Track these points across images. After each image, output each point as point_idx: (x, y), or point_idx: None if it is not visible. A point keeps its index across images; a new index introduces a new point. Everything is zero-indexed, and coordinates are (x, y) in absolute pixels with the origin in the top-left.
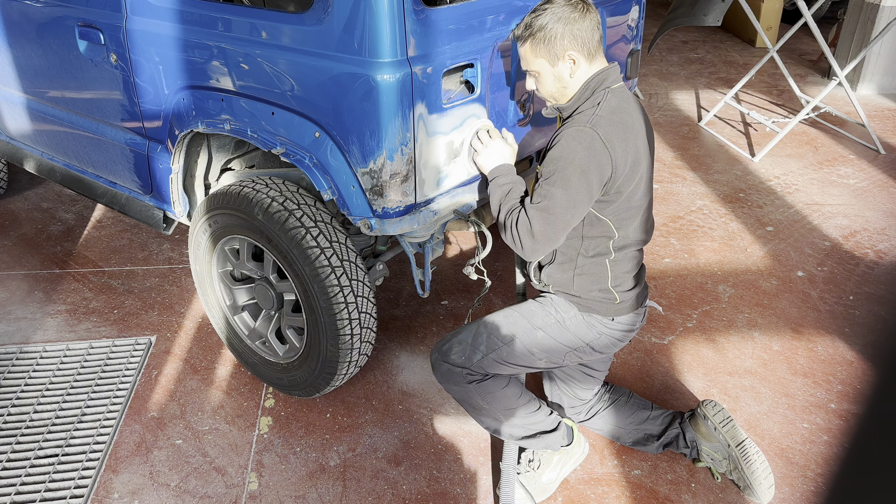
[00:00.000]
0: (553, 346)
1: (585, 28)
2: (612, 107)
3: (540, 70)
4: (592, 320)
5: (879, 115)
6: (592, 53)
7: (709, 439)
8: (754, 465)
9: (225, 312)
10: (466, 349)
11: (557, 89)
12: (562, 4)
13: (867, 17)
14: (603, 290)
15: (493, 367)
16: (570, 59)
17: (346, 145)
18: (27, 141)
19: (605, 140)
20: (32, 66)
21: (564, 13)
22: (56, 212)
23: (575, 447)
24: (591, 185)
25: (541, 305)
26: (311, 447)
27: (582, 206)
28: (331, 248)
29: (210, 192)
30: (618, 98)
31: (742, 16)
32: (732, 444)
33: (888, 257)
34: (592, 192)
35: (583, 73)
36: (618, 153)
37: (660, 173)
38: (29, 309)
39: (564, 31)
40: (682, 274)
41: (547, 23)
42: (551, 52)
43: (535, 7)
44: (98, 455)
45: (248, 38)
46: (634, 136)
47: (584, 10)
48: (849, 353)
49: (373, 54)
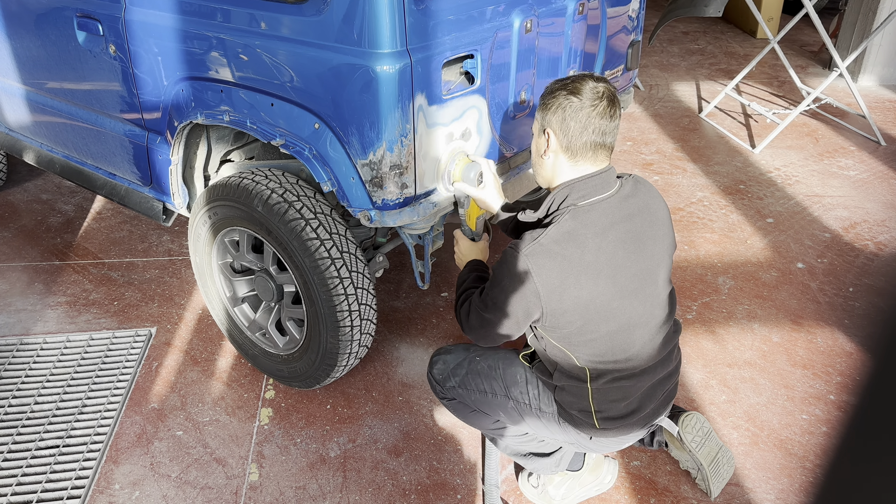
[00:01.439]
0: (520, 423)
1: (581, 122)
2: (561, 233)
3: (534, 131)
4: (569, 429)
5: (880, 107)
6: (574, 152)
7: (680, 450)
8: (721, 477)
9: (225, 304)
10: (446, 371)
11: (535, 160)
12: (589, 88)
13: (869, 7)
14: (583, 412)
15: (462, 400)
16: (546, 135)
17: (345, 137)
18: (26, 132)
19: (535, 273)
20: (31, 57)
21: (579, 95)
22: (56, 203)
23: (587, 474)
24: (517, 314)
25: (525, 382)
26: (311, 438)
27: (508, 327)
28: (330, 239)
29: (209, 183)
30: (579, 221)
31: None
32: (704, 464)
33: (888, 249)
34: (519, 321)
35: (557, 164)
36: (548, 288)
37: (660, 165)
38: (29, 300)
39: (562, 109)
40: (682, 265)
41: (557, 93)
42: (542, 120)
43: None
44: (99, 446)
45: (248, 29)
46: (582, 271)
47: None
48: (848, 344)
49: (372, 45)
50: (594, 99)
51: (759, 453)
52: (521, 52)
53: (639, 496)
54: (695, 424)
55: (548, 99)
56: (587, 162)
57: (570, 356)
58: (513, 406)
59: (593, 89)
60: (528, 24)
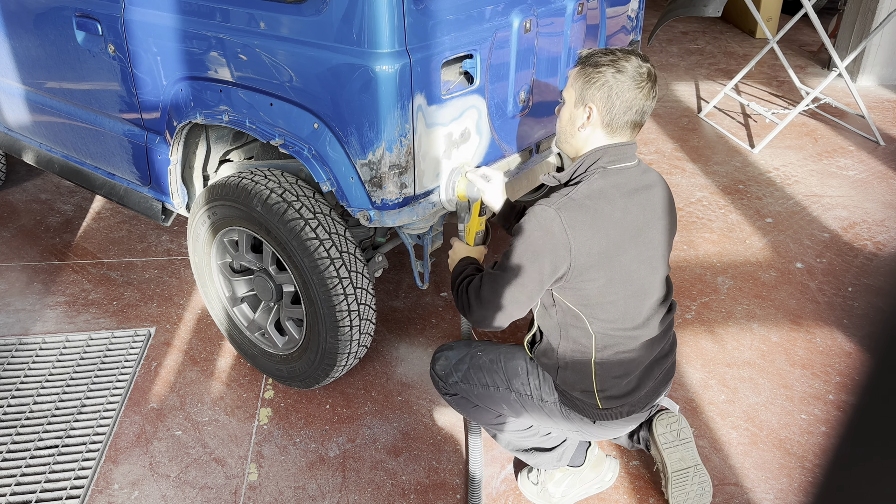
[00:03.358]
0: (523, 414)
1: (626, 102)
2: (592, 190)
3: (567, 99)
4: (572, 416)
5: (879, 107)
6: (614, 128)
7: (654, 447)
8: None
9: (224, 304)
10: (449, 366)
11: (566, 129)
12: (634, 67)
13: (868, 7)
14: (586, 393)
15: (465, 395)
16: (588, 110)
17: (344, 136)
18: (25, 132)
19: (567, 225)
20: (30, 56)
21: (626, 75)
22: (55, 203)
23: (588, 470)
24: (543, 271)
25: (527, 373)
26: (310, 438)
27: (530, 289)
28: (330, 239)
29: (209, 183)
30: (609, 181)
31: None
32: (669, 469)
33: (887, 249)
34: (543, 279)
35: (592, 137)
36: (579, 240)
37: (659, 165)
38: (28, 300)
39: (608, 86)
40: (681, 265)
41: (604, 68)
42: (583, 92)
43: (618, 49)
44: (98, 446)
45: (247, 29)
46: (612, 226)
47: (641, 89)
48: (847, 344)
49: (371, 45)
50: (640, 80)
51: (758, 453)
52: (521, 52)
53: (638, 496)
54: (672, 423)
55: (592, 72)
56: (623, 137)
57: (583, 320)
58: (515, 398)
59: (638, 69)
60: (527, 24)
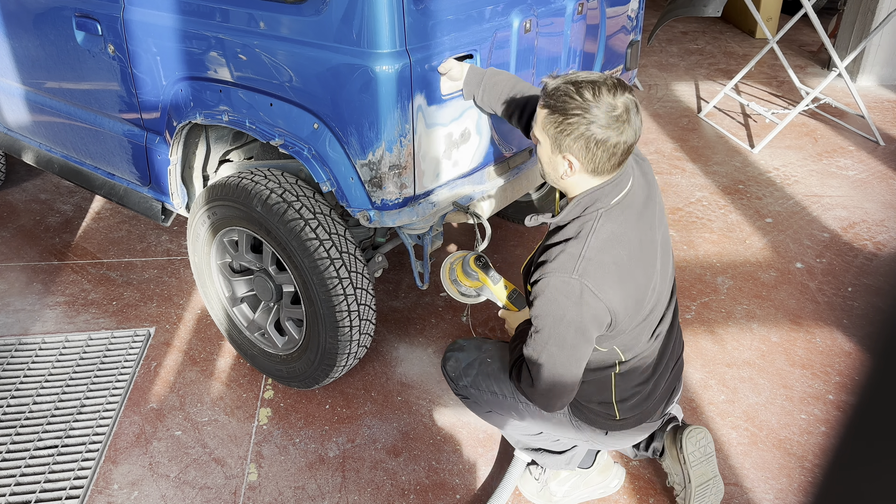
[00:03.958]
0: (530, 423)
1: (608, 149)
2: (602, 240)
3: (542, 141)
4: (583, 427)
5: (879, 107)
6: (601, 172)
7: (674, 461)
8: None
9: (224, 304)
10: (458, 369)
11: (549, 174)
12: (605, 109)
13: (867, 7)
14: (603, 404)
15: (475, 399)
16: (567, 161)
17: (344, 137)
18: (25, 132)
19: (596, 291)
20: (30, 56)
21: (598, 123)
22: (54, 203)
23: (595, 474)
24: (590, 336)
25: None
26: (310, 438)
27: (586, 356)
28: (329, 239)
29: (208, 183)
30: (615, 221)
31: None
32: (694, 483)
33: (887, 249)
34: (592, 341)
35: (580, 181)
36: (614, 301)
37: (659, 165)
38: (27, 300)
39: (584, 138)
40: (681, 265)
41: (574, 119)
42: (558, 141)
43: (583, 81)
44: (97, 446)
45: (246, 29)
46: (635, 266)
47: (620, 130)
48: (847, 344)
49: (371, 45)
50: (617, 121)
51: (758, 453)
52: (521, 52)
53: (638, 496)
54: (701, 440)
55: (562, 121)
56: (614, 173)
57: (618, 354)
58: (523, 408)
59: (611, 110)
60: (527, 24)
